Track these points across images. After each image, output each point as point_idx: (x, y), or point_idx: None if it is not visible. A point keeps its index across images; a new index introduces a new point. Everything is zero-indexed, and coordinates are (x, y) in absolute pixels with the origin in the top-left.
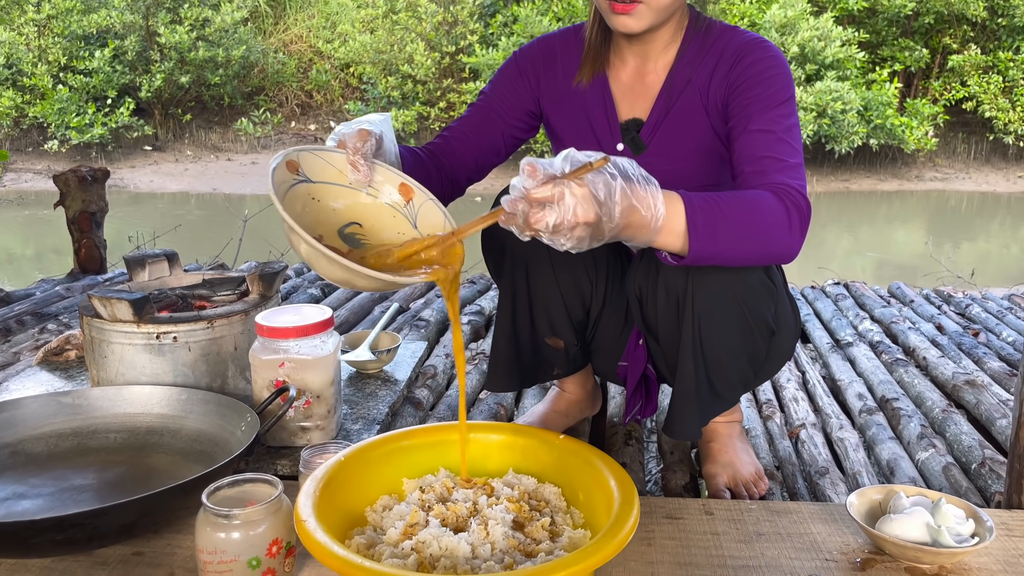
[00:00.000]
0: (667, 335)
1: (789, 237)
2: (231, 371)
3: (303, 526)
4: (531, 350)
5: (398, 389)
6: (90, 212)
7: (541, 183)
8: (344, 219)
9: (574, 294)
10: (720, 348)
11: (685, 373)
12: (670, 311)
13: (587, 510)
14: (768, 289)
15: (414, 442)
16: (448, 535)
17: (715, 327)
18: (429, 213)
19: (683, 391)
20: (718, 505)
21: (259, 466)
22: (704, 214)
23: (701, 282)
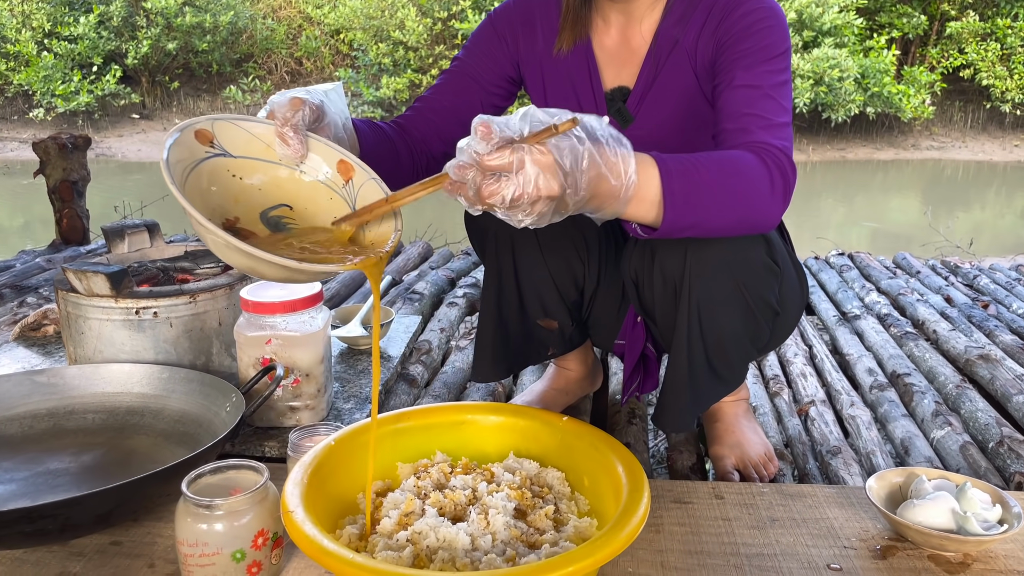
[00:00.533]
0: (664, 320)
1: (771, 204)
2: (216, 348)
3: (290, 517)
4: (521, 334)
5: (391, 366)
6: (71, 181)
7: (496, 147)
8: (270, 200)
9: (565, 275)
10: (721, 333)
11: (678, 363)
12: (667, 297)
13: (593, 496)
14: (771, 271)
15: (409, 424)
16: (446, 525)
17: (715, 314)
18: (371, 194)
19: (675, 381)
20: (728, 489)
21: (246, 448)
22: (681, 179)
23: (700, 267)
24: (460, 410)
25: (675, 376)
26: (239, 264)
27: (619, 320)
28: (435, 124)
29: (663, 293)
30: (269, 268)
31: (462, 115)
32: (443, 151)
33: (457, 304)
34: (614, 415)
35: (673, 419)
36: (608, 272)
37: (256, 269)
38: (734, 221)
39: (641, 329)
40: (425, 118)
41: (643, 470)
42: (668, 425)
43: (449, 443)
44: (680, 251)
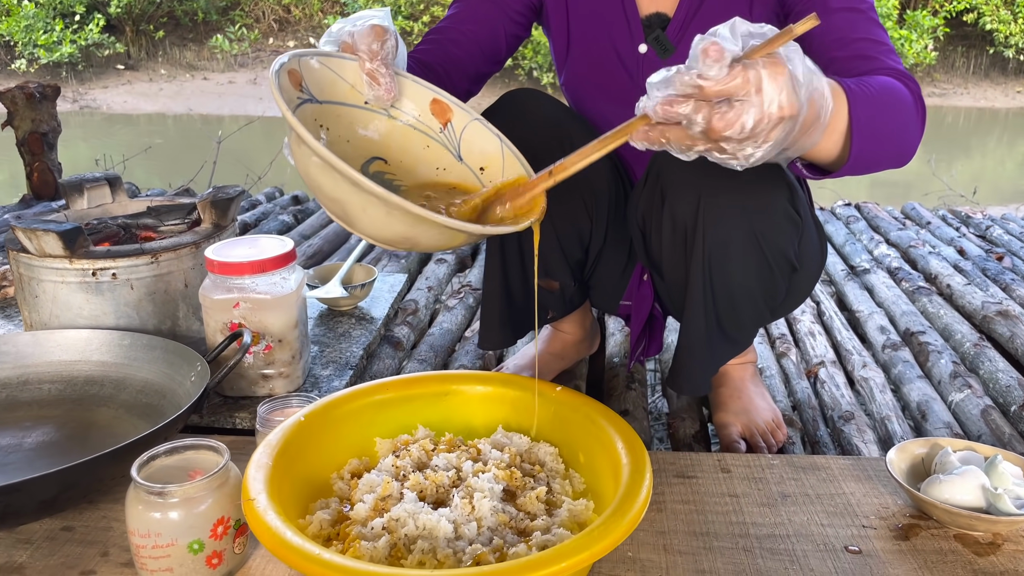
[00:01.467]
0: (673, 272)
1: (917, 136)
2: (182, 311)
3: (251, 506)
4: (523, 296)
5: (374, 328)
6: (41, 133)
7: (728, 68)
8: (362, 153)
9: (571, 234)
10: (732, 288)
11: (694, 318)
12: (676, 245)
13: (589, 474)
14: (792, 222)
15: (388, 396)
16: (426, 511)
17: (728, 265)
18: (476, 139)
19: (691, 339)
20: (735, 461)
21: (215, 420)
22: (865, 105)
23: (713, 213)
24: (444, 380)
25: (690, 333)
26: (395, 233)
27: (624, 280)
28: (456, 57)
29: (672, 241)
30: (433, 234)
31: (485, 47)
32: (466, 88)
33: (446, 261)
34: (612, 380)
35: (690, 380)
36: (615, 228)
37: (414, 238)
38: (894, 154)
39: (648, 288)
40: (445, 50)
41: (644, 447)
42: (685, 387)
43: (432, 416)
44: (692, 194)
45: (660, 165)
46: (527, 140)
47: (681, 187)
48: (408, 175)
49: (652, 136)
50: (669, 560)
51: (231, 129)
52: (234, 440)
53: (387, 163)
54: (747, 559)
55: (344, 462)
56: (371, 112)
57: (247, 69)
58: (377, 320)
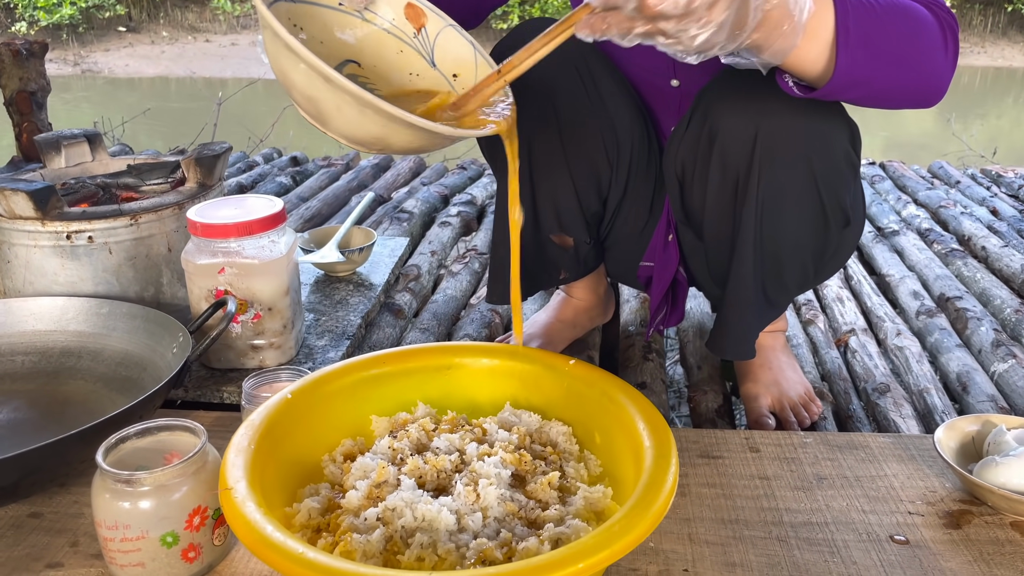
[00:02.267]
0: (717, 226)
1: (945, 70)
2: (166, 278)
3: (228, 496)
4: (535, 251)
5: (373, 295)
6: (29, 91)
7: None
8: (337, 55)
9: (589, 181)
10: (783, 242)
11: (742, 275)
12: (725, 194)
13: (606, 456)
14: (852, 167)
15: (386, 369)
16: (425, 500)
17: (783, 216)
18: (450, 45)
19: (740, 298)
20: (764, 439)
21: (201, 394)
22: (858, 19)
23: (772, 152)
24: (446, 352)
25: (738, 291)
26: (368, 133)
27: (644, 240)
28: None
29: (720, 189)
30: (406, 135)
31: None
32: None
33: (451, 224)
34: (627, 350)
35: (737, 343)
36: (638, 178)
37: (386, 138)
38: (908, 86)
39: (674, 249)
40: None
41: (668, 428)
42: (730, 350)
43: (433, 391)
44: (747, 132)
45: (708, 104)
46: (543, 72)
47: (735, 126)
48: (381, 80)
49: (595, 24)
50: (695, 551)
51: (233, 91)
52: (220, 416)
53: (360, 67)
54: (782, 550)
55: (336, 443)
56: (345, 14)
57: (249, 31)
58: (376, 286)
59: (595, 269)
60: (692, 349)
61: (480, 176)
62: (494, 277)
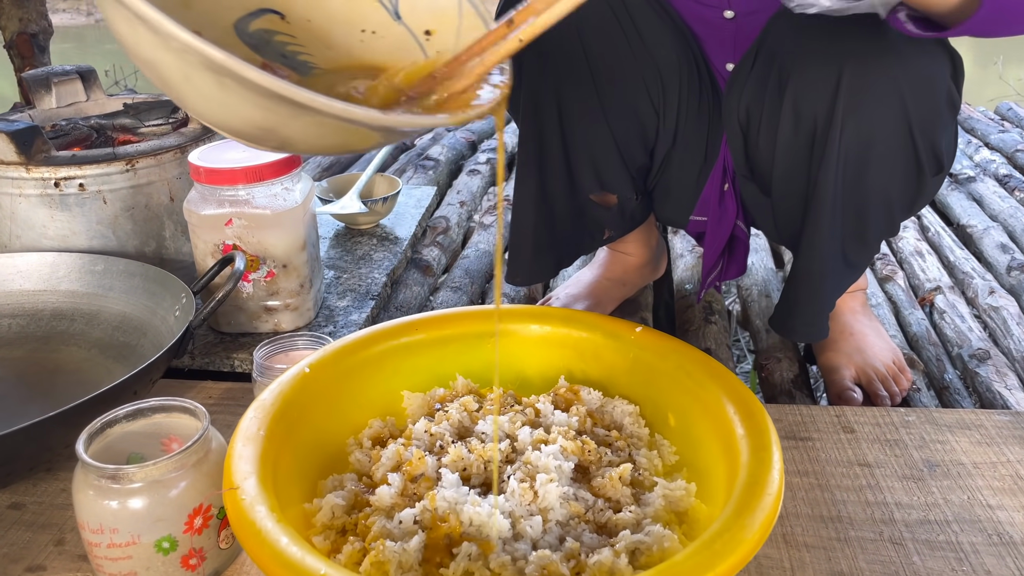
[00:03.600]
0: (787, 182)
1: None
2: (169, 231)
3: (234, 498)
4: (569, 216)
5: (399, 250)
6: (30, 33)
7: None
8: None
9: (632, 132)
10: (868, 197)
11: (817, 242)
12: (798, 146)
13: (682, 442)
14: (953, 106)
15: (420, 337)
16: (472, 500)
17: (868, 168)
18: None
19: (813, 270)
20: (858, 416)
21: (209, 361)
22: None
23: (858, 101)
24: (490, 317)
25: (813, 260)
26: (244, 120)
27: (697, 190)
28: None
29: (793, 139)
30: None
31: None
32: None
33: (479, 172)
34: (685, 311)
35: (809, 322)
36: (689, 124)
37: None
38: None
39: (731, 201)
40: None
41: (764, 411)
42: (800, 331)
43: (475, 363)
44: (829, 73)
45: (777, 43)
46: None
47: (812, 67)
48: (318, 42)
49: None
50: (793, 556)
51: None
52: (231, 388)
53: (285, 20)
54: (898, 555)
55: (363, 424)
56: None
57: None
58: (402, 240)
59: (644, 221)
60: (757, 309)
61: (510, 121)
62: (515, 255)
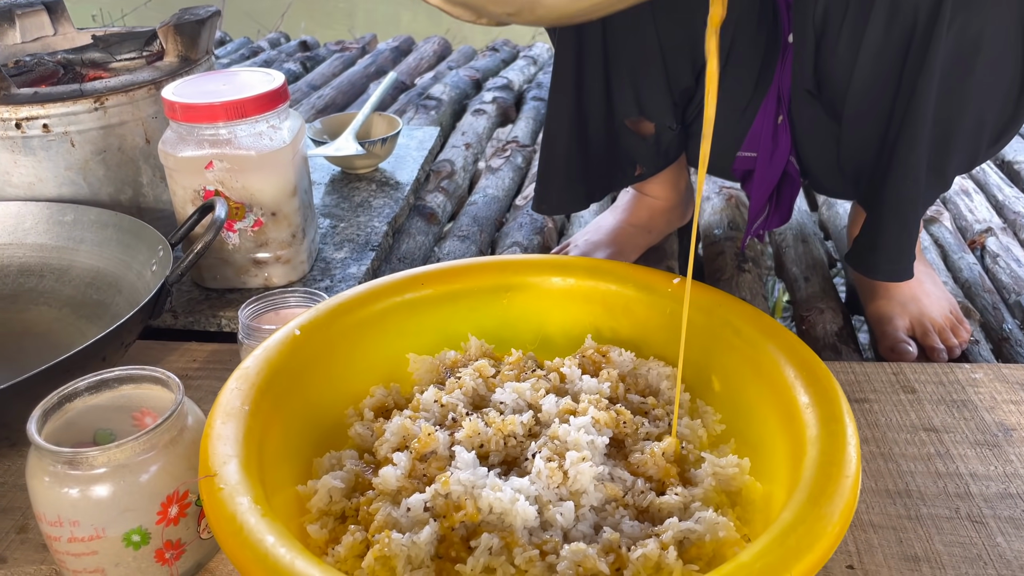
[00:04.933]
0: (869, 97)
1: None
2: (146, 176)
3: (211, 487)
4: (605, 142)
5: (401, 196)
6: None
7: None
8: None
9: (681, 48)
10: (963, 117)
11: (912, 164)
12: (890, 48)
13: (728, 409)
14: None
15: (425, 293)
16: (492, 482)
17: (972, 78)
18: None
19: (904, 196)
20: (919, 374)
21: (193, 320)
22: None
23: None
24: (505, 269)
25: (904, 184)
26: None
27: (745, 123)
28: None
29: (883, 41)
30: None
31: None
32: None
33: (485, 112)
34: (715, 259)
35: (896, 258)
36: (744, 41)
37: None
38: None
39: (785, 134)
40: None
41: (830, 375)
42: (885, 268)
43: (489, 321)
44: None
45: None
46: None
47: None
48: None
49: None
50: (859, 539)
51: None
52: (217, 349)
53: None
54: (979, 536)
55: (363, 392)
56: None
57: None
58: (404, 186)
59: (676, 159)
60: (794, 256)
61: (515, 59)
62: (545, 180)
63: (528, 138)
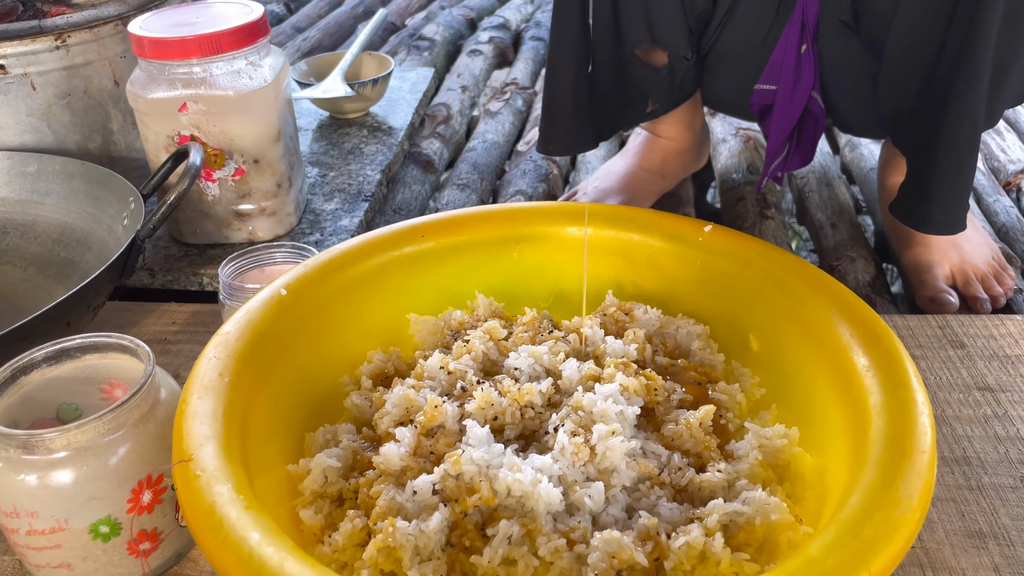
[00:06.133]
0: (916, 25)
1: None
2: (116, 122)
3: (186, 473)
4: (613, 75)
5: (394, 142)
6: None
7: None
8: None
9: None
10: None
11: (971, 101)
12: None
13: (768, 371)
14: None
15: (426, 247)
16: (508, 461)
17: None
18: None
19: (961, 138)
20: (967, 327)
21: (172, 279)
22: None
23: None
24: (514, 218)
25: (961, 125)
26: None
27: (764, 52)
28: None
29: None
30: None
31: None
32: None
33: (482, 52)
34: (734, 205)
35: (950, 208)
36: None
37: None
38: None
39: (809, 66)
40: None
41: (891, 332)
42: (937, 220)
43: (498, 277)
44: None
45: None
46: None
47: None
48: None
49: None
50: None
51: None
52: (199, 310)
53: None
54: None
55: (360, 357)
56: None
57: None
58: (397, 131)
59: (691, 96)
60: (818, 201)
61: None
62: (550, 117)
63: (528, 80)
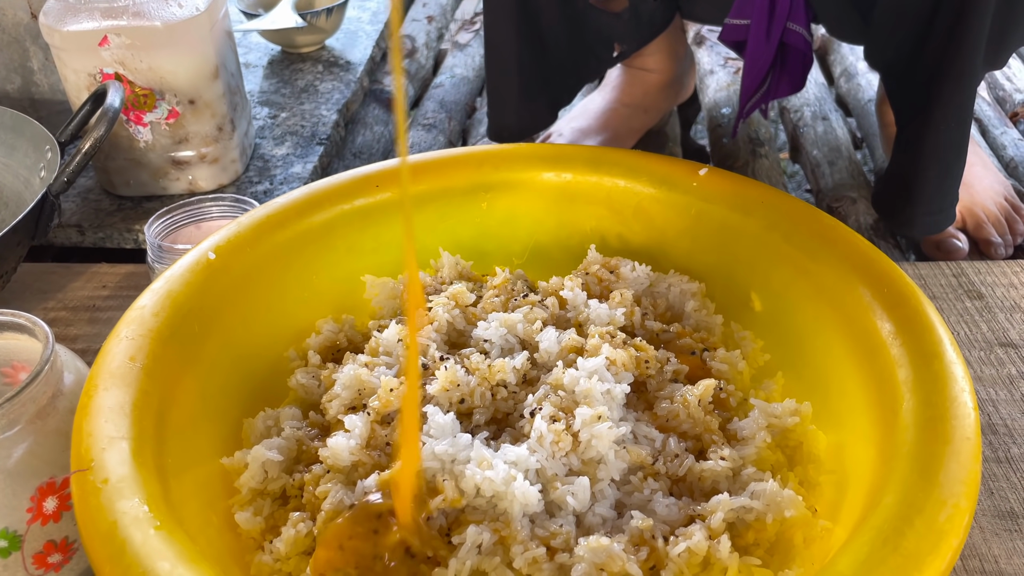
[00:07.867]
0: None
1: None
2: (37, 60)
3: (85, 484)
4: (565, 34)
5: (352, 79)
6: None
7: None
8: None
9: None
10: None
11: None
12: None
13: (771, 332)
14: None
15: (382, 197)
16: (477, 454)
17: None
18: None
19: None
20: (983, 275)
21: (104, 237)
22: None
23: None
24: (483, 162)
25: (942, 130)
26: None
27: None
28: None
29: None
30: None
31: None
32: None
33: None
34: (723, 144)
35: (935, 209)
36: None
37: None
38: None
39: None
40: None
41: (918, 291)
42: (925, 220)
43: (465, 231)
44: None
45: None
46: None
47: None
48: None
49: None
50: None
51: None
52: (133, 271)
53: None
54: None
55: (308, 328)
56: None
57: None
58: (356, 66)
59: (667, 25)
60: (813, 137)
61: None
62: (498, 104)
63: None
